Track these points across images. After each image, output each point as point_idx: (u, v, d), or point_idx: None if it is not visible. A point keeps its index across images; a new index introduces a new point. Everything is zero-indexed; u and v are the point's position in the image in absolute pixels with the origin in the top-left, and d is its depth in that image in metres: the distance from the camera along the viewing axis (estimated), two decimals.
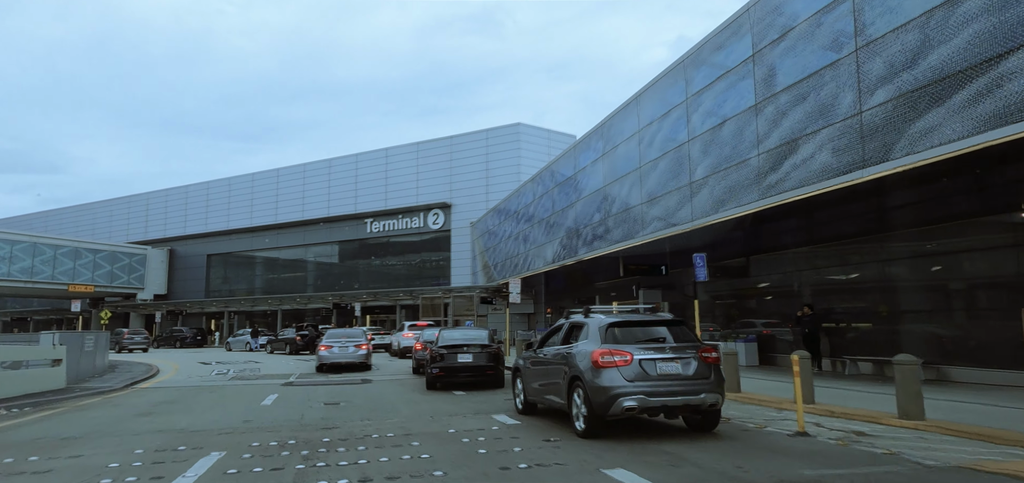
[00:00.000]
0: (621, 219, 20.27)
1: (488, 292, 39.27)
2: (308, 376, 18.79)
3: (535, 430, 8.18)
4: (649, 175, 18.44)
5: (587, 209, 23.25)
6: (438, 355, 13.33)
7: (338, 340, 21.52)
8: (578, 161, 24.52)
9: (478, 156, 46.12)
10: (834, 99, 11.17)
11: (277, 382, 16.61)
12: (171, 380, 18.00)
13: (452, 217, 46.59)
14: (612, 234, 20.91)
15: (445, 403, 11.36)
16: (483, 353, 13.37)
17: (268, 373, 19.78)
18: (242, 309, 55.38)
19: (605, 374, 6.94)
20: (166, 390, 14.99)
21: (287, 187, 55.37)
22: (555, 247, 26.74)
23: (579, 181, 24.32)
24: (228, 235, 58.77)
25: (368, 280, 50.44)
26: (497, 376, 13.53)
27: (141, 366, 22.00)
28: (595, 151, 22.69)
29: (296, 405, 11.38)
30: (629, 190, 19.71)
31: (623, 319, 7.76)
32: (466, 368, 13.20)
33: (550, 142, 45.80)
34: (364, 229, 50.59)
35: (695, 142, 15.93)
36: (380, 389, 14.42)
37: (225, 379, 18.07)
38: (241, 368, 22.13)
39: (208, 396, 13.22)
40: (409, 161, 49.04)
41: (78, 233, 64.32)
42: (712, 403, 6.95)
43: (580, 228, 23.95)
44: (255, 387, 15.25)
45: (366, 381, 16.78)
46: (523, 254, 31.74)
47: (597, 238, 22.20)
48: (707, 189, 15.31)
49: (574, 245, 24.43)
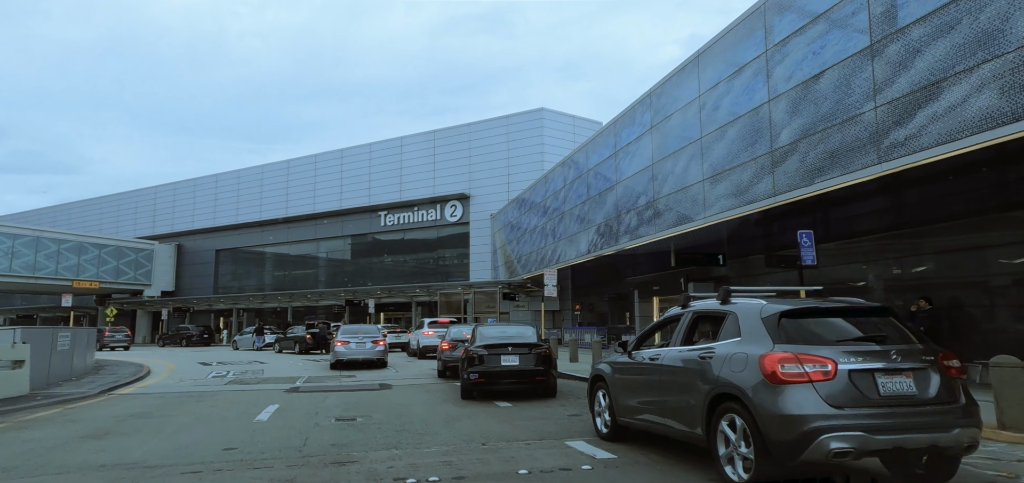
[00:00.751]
0: (674, 200, 17.63)
1: (511, 288, 36.72)
2: (318, 379, 16.34)
3: (647, 471, 5.61)
4: (713, 147, 15.79)
5: (630, 192, 20.62)
6: (476, 357, 10.79)
7: (355, 336, 20.71)
8: (619, 138, 21.88)
9: (498, 144, 43.55)
10: (1005, 21, 8.47)
11: (281, 388, 14.16)
12: (159, 384, 15.61)
13: (471, 209, 44.07)
14: (663, 218, 18.27)
15: (493, 420, 8.81)
16: (531, 355, 10.82)
17: (272, 376, 17.35)
18: (251, 306, 53.23)
19: (790, 394, 4.31)
20: (147, 398, 12.57)
21: (298, 179, 53.14)
22: (590, 236, 24.12)
23: (620, 161, 21.69)
24: (237, 229, 56.66)
25: (382, 276, 48.08)
26: (549, 383, 10.95)
27: (131, 367, 19.69)
28: (641, 125, 20.04)
29: (300, 422, 8.88)
30: (686, 166, 17.05)
31: (802, 305, 5.04)
32: (511, 373, 10.65)
33: (575, 128, 43.15)
34: (378, 222, 48.21)
35: (778, 102, 13.25)
36: (404, 398, 11.90)
37: (222, 383, 15.65)
38: (243, 370, 19.74)
39: (193, 408, 10.76)
40: (425, 151, 46.58)
41: (85, 229, 62.47)
42: (969, 442, 4.30)
43: (621, 214, 21.32)
44: (254, 394, 12.79)
45: (385, 386, 14.28)
46: (551, 246, 29.14)
47: (643, 223, 19.57)
48: (796, 157, 12.63)
49: (614, 233, 21.81)
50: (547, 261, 29.91)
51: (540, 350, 10.88)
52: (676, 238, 18.21)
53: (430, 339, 23.75)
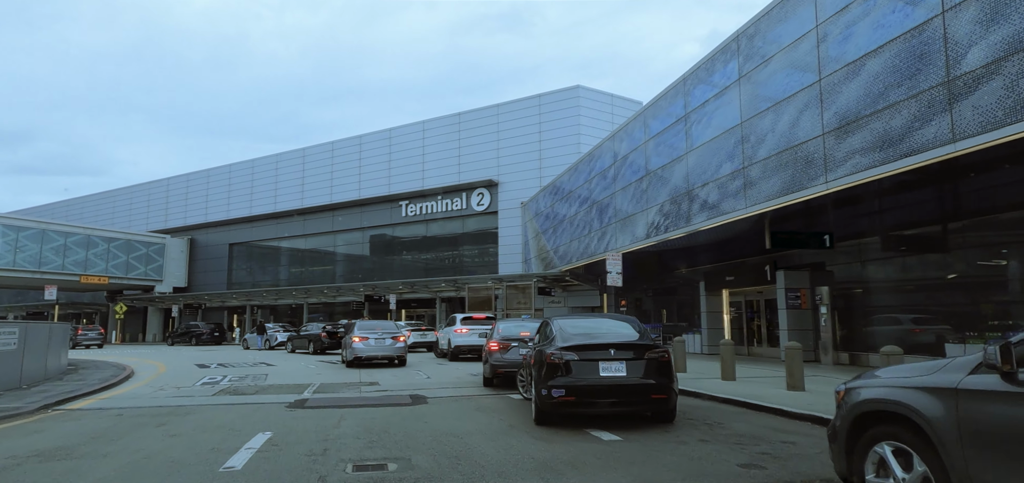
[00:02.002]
0: (777, 165, 14.00)
1: (546, 281, 33.22)
2: (331, 388, 13.00)
3: None
4: (840, 89, 12.14)
5: (707, 161, 17.02)
6: (560, 364, 7.28)
7: (373, 331, 19.35)
8: (690, 100, 18.28)
9: (529, 126, 40.05)
10: None
11: (282, 401, 10.85)
12: (131, 394, 12.36)
13: (499, 197, 40.64)
14: (757, 189, 14.65)
15: (617, 472, 5.31)
16: (642, 362, 7.28)
17: (276, 384, 14.05)
18: (265, 302, 50.29)
19: None
20: (97, 417, 9.29)
21: (314, 169, 50.10)
22: (650, 218, 20.53)
23: (692, 126, 18.09)
24: (251, 222, 53.80)
25: (403, 270, 44.83)
26: (668, 403, 7.38)
27: (111, 370, 16.53)
28: (724, 77, 16.41)
29: (294, 474, 5.45)
30: (795, 119, 13.42)
31: None
32: (615, 389, 7.10)
33: (614, 108, 39.51)
34: (399, 213, 44.97)
35: (962, 9, 9.59)
36: (451, 420, 8.49)
37: (210, 393, 12.36)
38: (243, 374, 16.49)
39: (146, 438, 7.43)
40: (449, 135, 43.22)
41: (97, 224, 60.04)
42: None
43: (693, 188, 17.72)
44: (242, 413, 9.47)
45: (419, 399, 10.87)
46: (597, 233, 25.58)
47: (727, 197, 15.95)
48: (999, 81, 8.96)
49: (683, 212, 18.21)
50: (592, 251, 26.35)
51: (655, 354, 7.34)
52: (779, 212, 14.58)
53: (465, 338, 20.33)
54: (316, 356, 25.14)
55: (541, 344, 8.33)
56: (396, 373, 16.56)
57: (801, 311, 17.61)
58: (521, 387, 10.75)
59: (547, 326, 8.66)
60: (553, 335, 8.00)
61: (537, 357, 7.98)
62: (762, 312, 20.49)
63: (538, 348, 8.18)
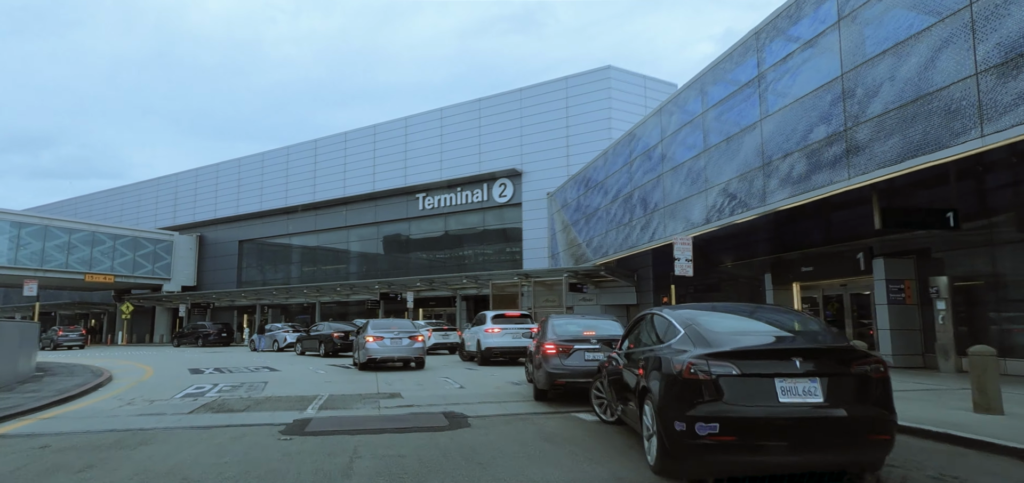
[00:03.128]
0: (898, 122, 11.13)
1: (577, 277, 30.41)
2: (342, 402, 10.36)
3: None
4: (1007, 10, 9.25)
5: (792, 126, 14.16)
6: (705, 381, 4.47)
7: (389, 331, 17.48)
8: (764, 57, 15.44)
9: (556, 111, 37.26)
10: None
11: (276, 424, 8.24)
12: (88, 410, 9.79)
13: (523, 187, 37.89)
14: (866, 154, 11.79)
15: None
16: (847, 380, 4.41)
17: (275, 395, 11.42)
18: (276, 302, 47.91)
19: None
20: (9, 449, 6.68)
21: (326, 161, 47.66)
22: (711, 199, 17.70)
23: (768, 87, 15.24)
24: (261, 218, 51.48)
25: (421, 266, 42.23)
26: (887, 448, 4.46)
27: (83, 376, 13.97)
28: (817, 21, 13.53)
29: None
30: (930, 59, 10.53)
31: None
32: (806, 424, 4.27)
33: (647, 90, 36.62)
34: (416, 206, 42.36)
35: None
36: (516, 464, 5.79)
37: (189, 408, 9.75)
38: (238, 382, 13.88)
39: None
40: (469, 122, 40.54)
41: (106, 221, 58.03)
42: None
43: (772, 160, 14.88)
44: (216, 444, 6.91)
45: (458, 421, 8.18)
46: (640, 220, 22.77)
47: (819, 169, 13.09)
48: None
49: (756, 190, 15.38)
50: (633, 242, 23.54)
51: (866, 368, 4.51)
52: (900, 180, 11.70)
53: (498, 339, 17.61)
54: (327, 358, 22.54)
55: (654, 347, 5.53)
56: (420, 380, 13.86)
57: (905, 307, 14.68)
58: (597, 405, 7.98)
59: (657, 320, 5.90)
60: (679, 332, 5.21)
61: (653, 365, 5.19)
62: (847, 309, 17.53)
63: (655, 353, 5.38)
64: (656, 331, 5.80)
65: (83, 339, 39.06)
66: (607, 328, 10.14)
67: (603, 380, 7.70)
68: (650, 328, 6.06)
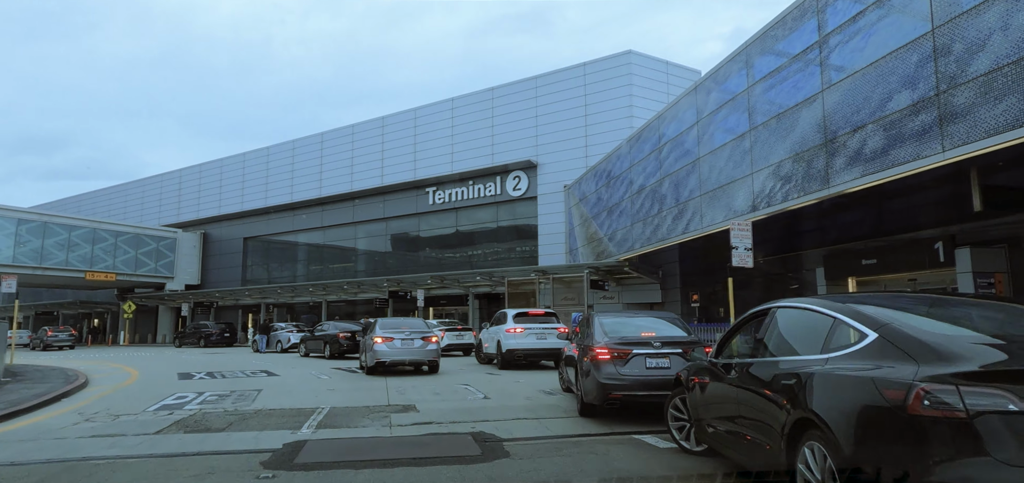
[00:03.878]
0: (1013, 79, 9.24)
1: (599, 273, 28.55)
2: (344, 416, 8.62)
3: None
4: None
5: (865, 94, 12.27)
6: (951, 422, 2.68)
7: (399, 331, 15.84)
8: (827, 18, 13.55)
9: (573, 100, 35.39)
10: None
11: (260, 450, 6.57)
12: (36, 428, 8.13)
13: (538, 180, 36.07)
14: (966, 121, 9.90)
15: None
16: None
17: (265, 408, 9.64)
18: (281, 301, 46.30)
19: None
20: None
21: (333, 154, 46.01)
22: (759, 183, 15.84)
23: (831, 52, 13.36)
24: (267, 214, 49.88)
25: (431, 263, 40.47)
26: None
27: (54, 381, 12.27)
28: None
29: None
30: None
31: None
32: None
33: (669, 77, 34.70)
34: (426, 200, 40.62)
35: None
36: None
37: (153, 430, 8.00)
38: (228, 390, 12.13)
39: None
40: (481, 113, 38.75)
41: (110, 218, 56.64)
42: None
43: (837, 136, 13.00)
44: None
45: (489, 447, 6.41)
46: (671, 209, 20.90)
47: (903, 142, 11.21)
48: None
49: (817, 169, 13.51)
50: (663, 234, 21.67)
51: None
52: (998, 154, 9.79)
53: (520, 340, 15.81)
54: (332, 361, 20.81)
55: (806, 359, 3.67)
56: (436, 388, 12.06)
57: None
58: (676, 428, 6.14)
59: (799, 317, 4.07)
60: (865, 336, 3.34)
61: (827, 389, 3.32)
62: None
63: (817, 370, 3.48)
64: (797, 334, 3.97)
65: (73, 339, 37.89)
66: (666, 329, 8.31)
67: (683, 397, 5.86)
68: (782, 328, 4.22)
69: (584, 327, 9.19)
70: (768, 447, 3.97)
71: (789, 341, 4.13)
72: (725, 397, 4.72)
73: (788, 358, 4.01)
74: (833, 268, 17.33)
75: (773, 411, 3.88)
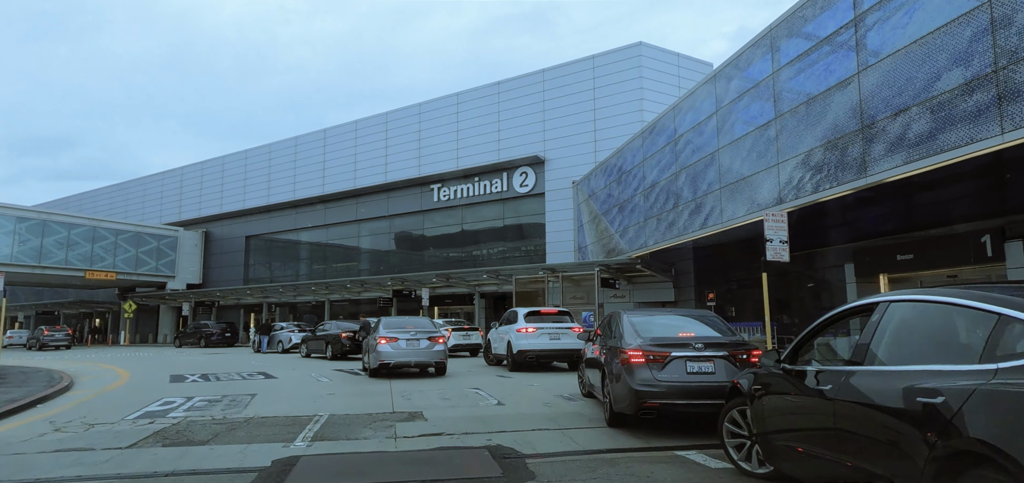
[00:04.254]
0: None
1: (610, 271, 27.60)
2: (345, 424, 7.77)
3: None
4: None
5: (908, 74, 11.34)
6: None
7: (404, 330, 14.95)
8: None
9: (582, 93, 34.47)
10: None
11: (244, 469, 5.82)
12: (3, 438, 7.18)
13: (546, 176, 35.15)
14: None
15: None
16: None
17: (257, 416, 8.76)
18: (284, 299, 45.51)
19: None
20: None
21: (336, 151, 45.19)
22: (786, 174, 14.90)
23: (868, 31, 12.42)
24: (269, 212, 49.11)
25: (436, 261, 39.59)
26: None
27: (35, 384, 11.43)
28: None
29: None
30: None
31: None
32: None
33: (680, 70, 33.74)
34: (431, 197, 39.75)
35: None
36: None
37: (126, 443, 7.13)
38: (219, 394, 11.25)
39: None
40: (487, 108, 37.86)
41: (111, 217, 55.95)
42: None
43: (875, 121, 12.07)
44: None
45: (518, 472, 5.52)
46: (688, 204, 19.97)
47: (953, 124, 10.27)
48: None
49: (852, 157, 12.57)
50: (680, 230, 20.74)
51: None
52: None
53: (532, 340, 14.89)
54: (334, 362, 19.94)
55: (970, 370, 2.78)
56: (445, 392, 11.17)
57: None
58: (733, 446, 5.22)
59: (954, 313, 3.15)
60: None
61: None
62: None
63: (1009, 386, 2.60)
64: (932, 336, 3.05)
65: (70, 339, 37.46)
66: (705, 329, 7.38)
67: (742, 409, 4.94)
68: (904, 329, 3.29)
69: (607, 326, 8.28)
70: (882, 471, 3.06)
71: (918, 346, 3.22)
72: (811, 413, 3.81)
73: (919, 368, 3.09)
74: (864, 264, 16.36)
75: (902, 438, 2.96)
